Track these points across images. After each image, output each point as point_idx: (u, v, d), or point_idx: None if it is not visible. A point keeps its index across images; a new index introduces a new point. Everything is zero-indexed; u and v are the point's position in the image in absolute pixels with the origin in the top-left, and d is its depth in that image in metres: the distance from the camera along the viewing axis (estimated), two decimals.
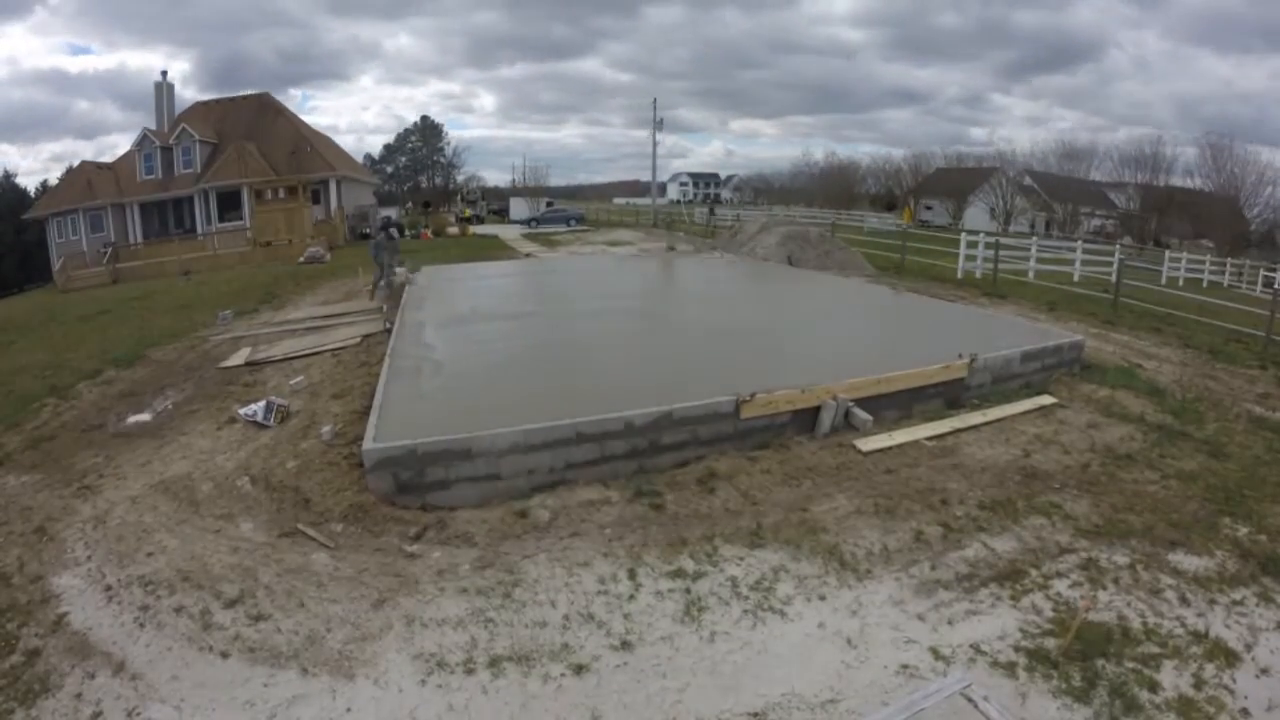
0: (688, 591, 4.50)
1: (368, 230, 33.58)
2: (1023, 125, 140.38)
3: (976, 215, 49.72)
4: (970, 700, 3.27)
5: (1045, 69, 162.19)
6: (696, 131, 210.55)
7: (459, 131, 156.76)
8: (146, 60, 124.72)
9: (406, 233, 34.18)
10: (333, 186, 33.07)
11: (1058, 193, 49.43)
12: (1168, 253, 27.00)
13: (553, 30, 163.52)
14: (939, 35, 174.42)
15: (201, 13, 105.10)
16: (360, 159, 55.69)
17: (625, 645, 4.04)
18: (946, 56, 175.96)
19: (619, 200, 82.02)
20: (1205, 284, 25.18)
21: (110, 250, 29.22)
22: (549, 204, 46.21)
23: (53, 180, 42.39)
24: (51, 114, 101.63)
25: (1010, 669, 3.82)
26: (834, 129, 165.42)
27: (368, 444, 5.63)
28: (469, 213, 44.87)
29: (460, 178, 70.15)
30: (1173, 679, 3.75)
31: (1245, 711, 3.56)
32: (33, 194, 45.46)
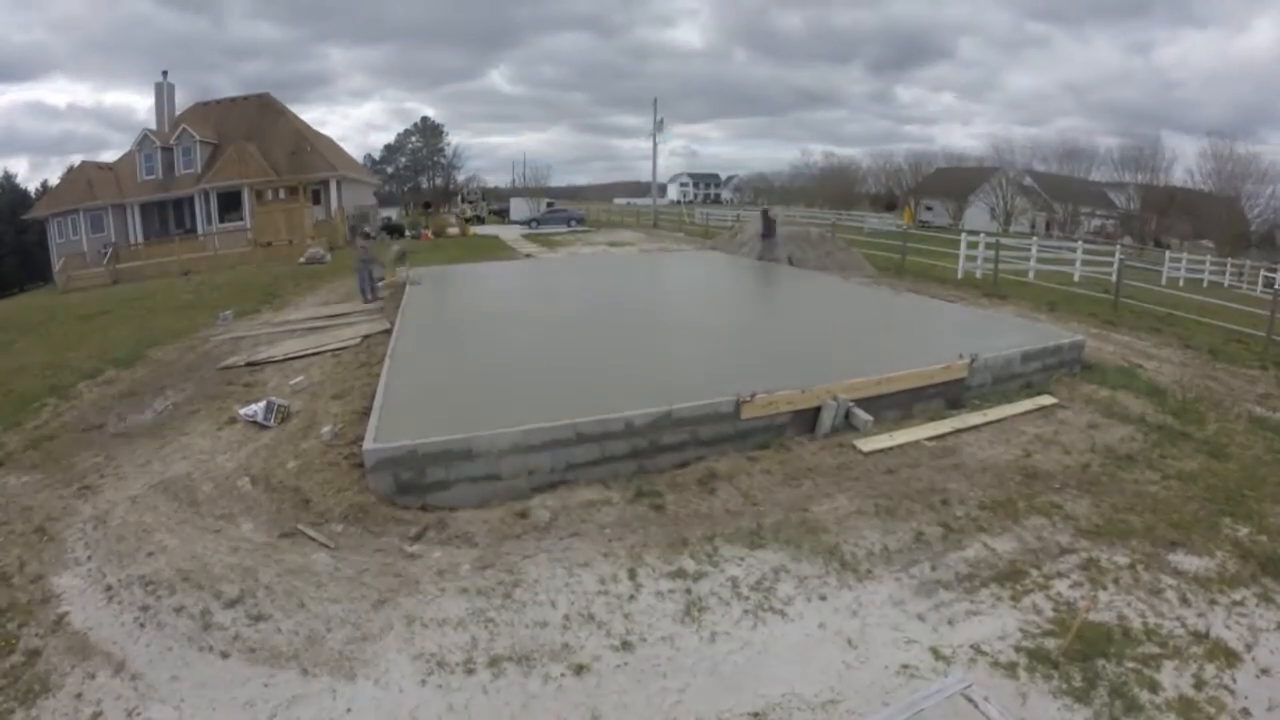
0: (688, 592, 4.50)
1: (368, 230, 33.67)
2: (953, 122, 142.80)
3: (977, 215, 49.67)
4: (971, 700, 3.27)
5: (911, 63, 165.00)
6: (641, 135, 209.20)
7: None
8: (123, 98, 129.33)
9: (408, 233, 34.24)
10: (333, 187, 33.06)
11: (1058, 193, 49.41)
12: (1168, 253, 27.00)
13: (439, 59, 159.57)
14: (782, 39, 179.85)
15: (167, 62, 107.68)
16: (360, 159, 55.69)
17: (625, 645, 4.04)
18: (808, 57, 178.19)
19: (619, 200, 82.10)
20: (1205, 284, 25.17)
21: (111, 250, 29.23)
22: (550, 204, 46.17)
23: (53, 181, 42.42)
24: (49, 139, 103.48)
25: (1011, 669, 3.82)
26: (769, 130, 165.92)
27: (368, 444, 5.64)
28: (469, 213, 44.94)
29: (461, 178, 70.19)
30: (1173, 679, 3.75)
31: (1246, 712, 3.56)
32: (33, 194, 45.47)
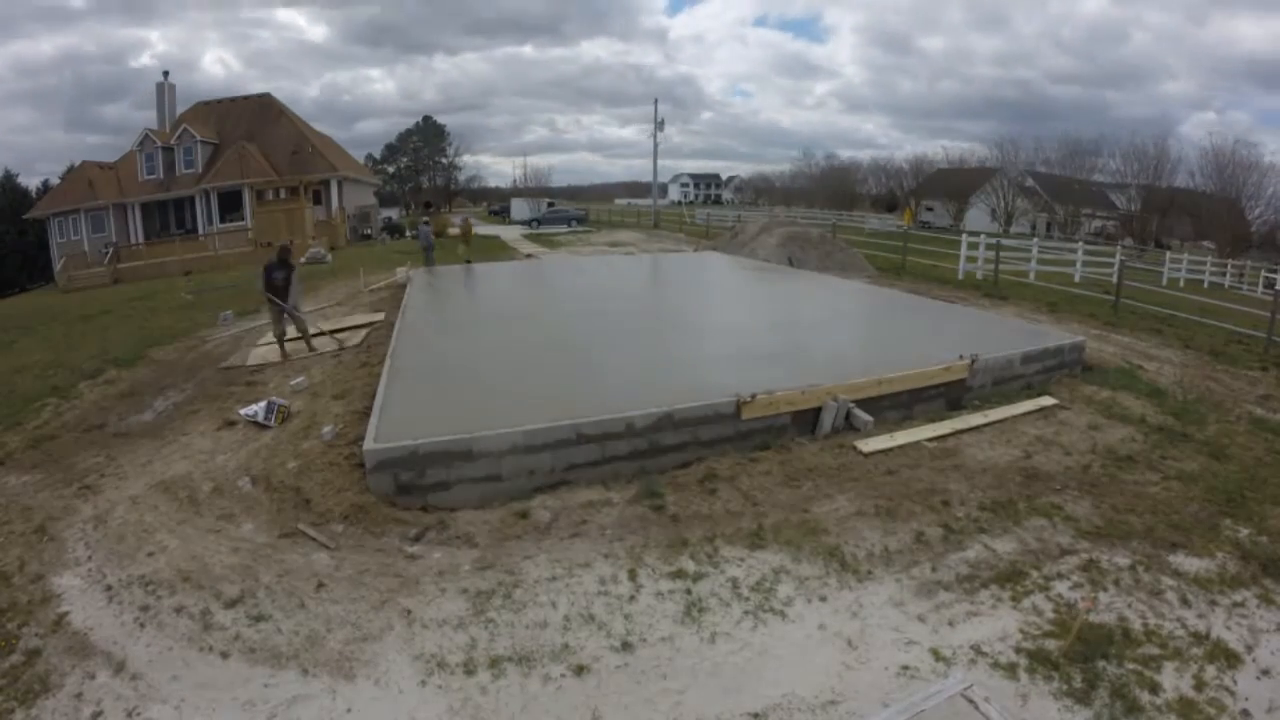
0: (688, 592, 4.50)
1: (368, 231, 33.69)
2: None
3: (977, 216, 49.72)
4: (971, 701, 3.26)
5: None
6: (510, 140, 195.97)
7: None
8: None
9: (408, 233, 34.24)
10: (334, 187, 33.08)
11: (1059, 194, 49.40)
12: (1168, 254, 27.00)
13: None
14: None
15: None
16: (360, 159, 55.75)
17: (626, 646, 4.04)
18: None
19: (620, 201, 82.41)
20: (1206, 285, 25.15)
21: (111, 250, 29.27)
22: (550, 204, 46.26)
23: (54, 181, 42.44)
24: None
25: (1011, 670, 3.81)
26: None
27: (368, 444, 5.63)
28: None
29: (462, 178, 70.33)
30: (1173, 680, 3.74)
31: (1246, 713, 3.55)
32: (34, 194, 45.47)
